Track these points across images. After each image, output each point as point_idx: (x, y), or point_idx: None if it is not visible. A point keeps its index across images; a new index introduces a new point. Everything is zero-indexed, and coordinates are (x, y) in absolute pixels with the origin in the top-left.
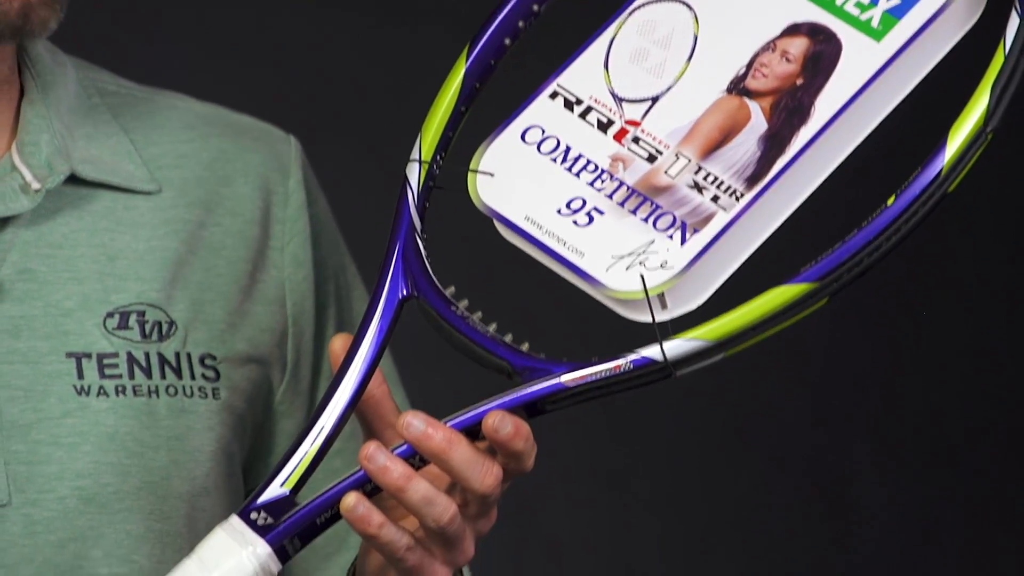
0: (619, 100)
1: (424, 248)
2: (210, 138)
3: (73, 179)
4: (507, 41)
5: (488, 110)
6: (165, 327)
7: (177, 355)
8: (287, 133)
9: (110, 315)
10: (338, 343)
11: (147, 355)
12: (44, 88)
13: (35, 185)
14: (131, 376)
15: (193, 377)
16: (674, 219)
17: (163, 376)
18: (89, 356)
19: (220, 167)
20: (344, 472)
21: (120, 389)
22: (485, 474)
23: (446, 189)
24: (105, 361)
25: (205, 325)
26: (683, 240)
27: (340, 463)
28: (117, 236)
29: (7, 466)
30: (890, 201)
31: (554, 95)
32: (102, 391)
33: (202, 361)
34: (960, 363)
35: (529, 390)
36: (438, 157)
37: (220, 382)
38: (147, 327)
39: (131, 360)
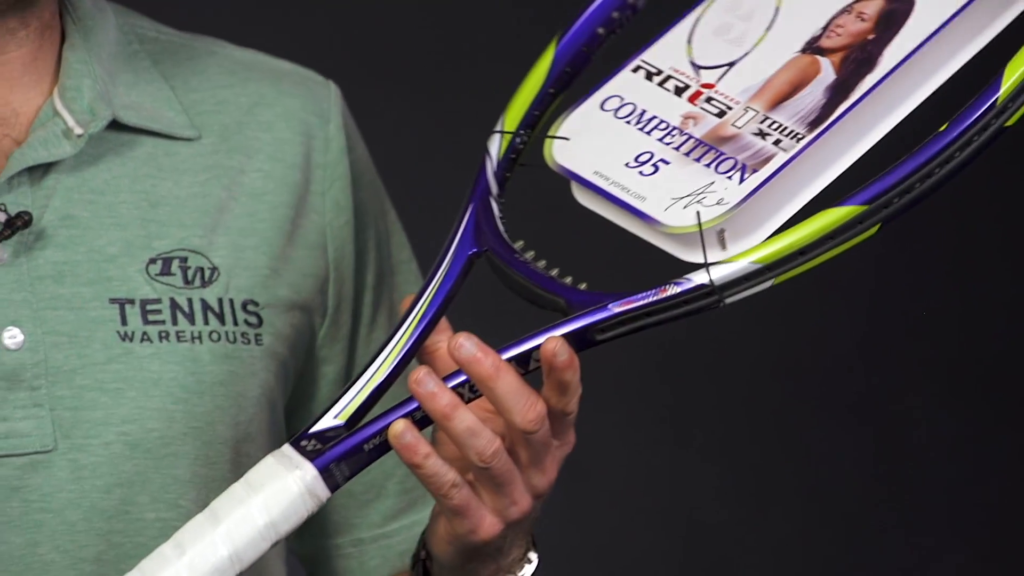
0: (697, 68)
1: (499, 211)
2: (249, 83)
3: (115, 125)
4: (600, 31)
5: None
6: (207, 273)
7: (220, 301)
8: (326, 78)
9: (152, 261)
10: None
11: (190, 301)
12: (85, 33)
13: (78, 131)
14: (174, 322)
15: (236, 323)
16: (735, 162)
17: (206, 322)
18: (132, 302)
19: (260, 112)
20: None
21: (163, 335)
22: (528, 408)
23: (529, 165)
24: (148, 307)
25: (247, 271)
26: (741, 180)
27: None
28: (159, 182)
29: (52, 412)
30: (943, 127)
31: (636, 69)
32: (146, 337)
33: (244, 307)
34: (1014, 303)
35: (578, 318)
36: (521, 132)
37: (263, 328)
38: (189, 273)
39: (174, 306)
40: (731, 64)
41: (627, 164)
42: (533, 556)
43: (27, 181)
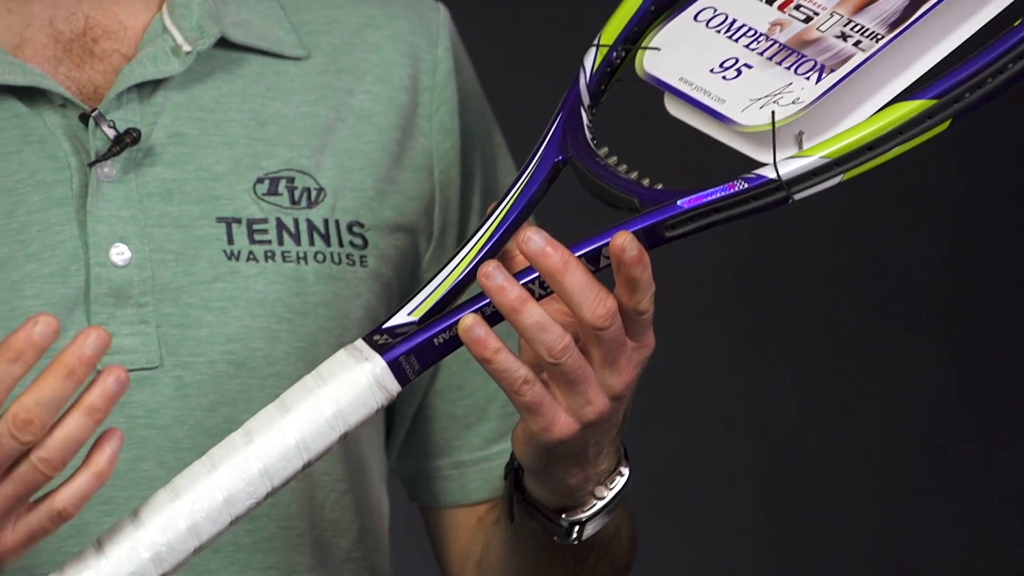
0: None
1: (588, 121)
2: (360, 4)
3: (223, 43)
4: None
5: None
6: (314, 194)
7: (326, 222)
8: (435, 0)
9: (260, 180)
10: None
11: (296, 221)
12: None
13: (186, 48)
14: (280, 242)
15: (341, 244)
16: (815, 64)
17: (311, 243)
18: (239, 221)
19: (369, 34)
20: None
21: (269, 255)
22: (598, 303)
23: (626, 81)
24: (255, 227)
25: (353, 192)
26: (819, 79)
27: None
28: (267, 101)
29: (159, 329)
30: (1017, 23)
31: None
32: (251, 256)
33: (350, 228)
34: None
35: (648, 215)
36: (618, 46)
37: (368, 250)
38: (296, 193)
39: (280, 226)
40: None
41: (712, 70)
42: (624, 469)
43: (136, 97)
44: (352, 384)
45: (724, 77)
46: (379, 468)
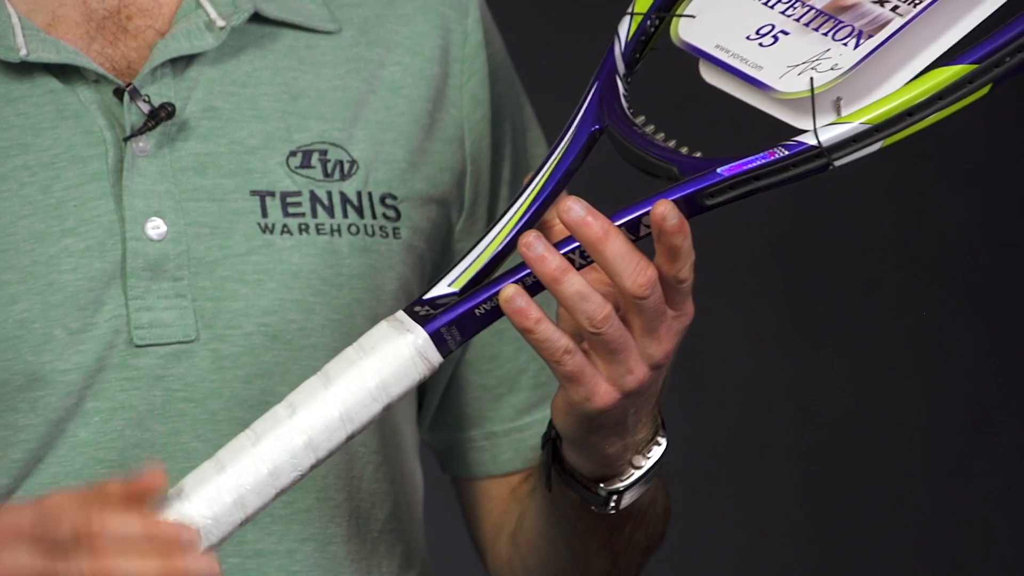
0: None
1: (624, 89)
2: None
3: (256, 17)
4: None
5: None
6: (347, 166)
7: (359, 194)
8: None
9: (293, 154)
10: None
11: (329, 194)
12: None
13: (220, 23)
14: (314, 215)
15: (375, 216)
16: (852, 29)
17: (345, 215)
18: (273, 194)
19: (399, 6)
20: None
21: (303, 227)
22: (639, 272)
23: (660, 49)
24: (288, 200)
25: (386, 164)
26: (856, 45)
27: None
28: (299, 75)
29: (195, 302)
30: None
31: None
32: (286, 229)
33: (383, 200)
34: None
35: (688, 183)
36: (652, 14)
37: (401, 221)
38: (329, 166)
39: (314, 199)
40: None
41: (748, 37)
42: (662, 440)
43: (170, 72)
44: (395, 355)
45: (761, 44)
46: (413, 440)
